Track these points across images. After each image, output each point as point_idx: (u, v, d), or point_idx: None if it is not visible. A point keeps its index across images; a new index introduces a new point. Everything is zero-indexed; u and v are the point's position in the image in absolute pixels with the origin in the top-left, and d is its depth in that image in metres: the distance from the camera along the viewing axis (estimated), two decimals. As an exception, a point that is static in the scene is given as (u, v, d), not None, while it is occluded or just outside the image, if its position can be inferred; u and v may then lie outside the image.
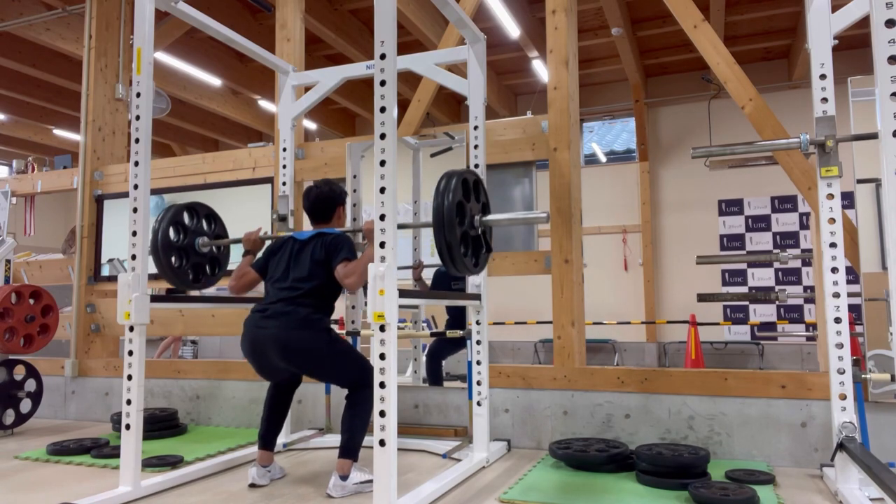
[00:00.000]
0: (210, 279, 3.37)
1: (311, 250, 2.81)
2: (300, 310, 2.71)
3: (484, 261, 2.87)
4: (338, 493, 2.63)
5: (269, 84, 7.34)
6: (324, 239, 2.82)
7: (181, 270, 3.18)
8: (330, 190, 2.97)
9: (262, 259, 2.99)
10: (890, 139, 2.26)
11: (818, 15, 2.80)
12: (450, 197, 2.48)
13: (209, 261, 3.34)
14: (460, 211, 2.55)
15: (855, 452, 2.41)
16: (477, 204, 2.74)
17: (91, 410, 4.61)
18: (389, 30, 2.27)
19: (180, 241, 3.17)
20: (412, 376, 4.66)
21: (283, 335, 2.67)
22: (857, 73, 3.22)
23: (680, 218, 9.30)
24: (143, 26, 2.79)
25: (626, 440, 3.28)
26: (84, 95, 4.93)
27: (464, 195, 2.59)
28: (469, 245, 2.68)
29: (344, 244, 2.78)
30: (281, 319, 2.69)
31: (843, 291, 2.63)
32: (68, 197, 7.02)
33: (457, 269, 2.60)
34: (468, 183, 2.65)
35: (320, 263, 2.77)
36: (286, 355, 2.71)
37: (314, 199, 2.95)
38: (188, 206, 3.22)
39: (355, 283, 2.68)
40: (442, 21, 6.75)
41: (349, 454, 2.67)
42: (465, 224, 2.62)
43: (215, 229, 3.37)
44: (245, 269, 2.98)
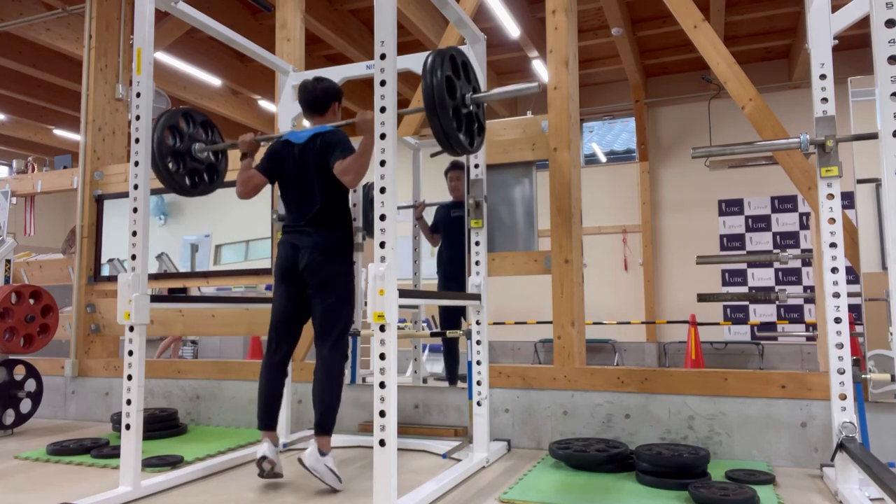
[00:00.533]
0: (208, 186, 3.38)
1: (312, 155, 2.87)
2: (331, 237, 2.87)
3: (480, 141, 2.87)
4: (309, 463, 2.64)
5: (269, 84, 7.33)
6: (320, 138, 2.86)
7: (178, 175, 3.19)
8: (327, 84, 3.03)
9: (264, 162, 3.03)
10: (890, 139, 2.26)
11: (818, 15, 2.80)
12: (438, 74, 2.45)
13: (206, 168, 3.35)
14: (450, 87, 2.53)
15: (855, 452, 2.41)
16: (468, 84, 2.71)
17: (91, 410, 4.61)
18: (389, 30, 2.27)
19: (177, 146, 3.17)
20: (412, 376, 4.66)
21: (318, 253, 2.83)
22: (857, 73, 3.22)
23: (680, 218, 9.30)
24: (143, 26, 2.79)
25: (626, 440, 3.28)
26: (84, 95, 4.93)
27: (453, 72, 2.56)
28: (462, 121, 2.65)
29: (339, 141, 2.83)
30: (318, 237, 2.86)
31: (843, 291, 2.63)
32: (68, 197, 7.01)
33: (452, 148, 2.59)
34: (456, 60, 2.62)
35: (323, 167, 2.84)
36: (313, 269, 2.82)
37: (311, 91, 3.00)
38: (184, 112, 3.23)
39: (353, 179, 2.74)
40: (442, 21, 6.74)
41: (325, 431, 2.70)
42: (457, 99, 2.59)
43: (212, 137, 3.37)
44: (250, 173, 3.02)
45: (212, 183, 3.41)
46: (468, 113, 2.71)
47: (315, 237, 2.86)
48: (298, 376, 4.00)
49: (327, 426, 2.73)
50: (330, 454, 2.71)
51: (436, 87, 2.45)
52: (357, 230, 3.97)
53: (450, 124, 2.50)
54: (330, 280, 2.85)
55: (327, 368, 2.79)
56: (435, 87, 2.45)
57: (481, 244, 3.30)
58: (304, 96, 3.02)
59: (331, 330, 2.84)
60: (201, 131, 3.33)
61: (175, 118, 3.17)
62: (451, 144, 2.56)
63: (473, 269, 3.29)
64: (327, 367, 2.79)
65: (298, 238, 2.88)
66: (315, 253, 2.83)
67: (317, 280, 2.85)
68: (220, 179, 3.45)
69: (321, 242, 2.85)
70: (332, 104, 3.04)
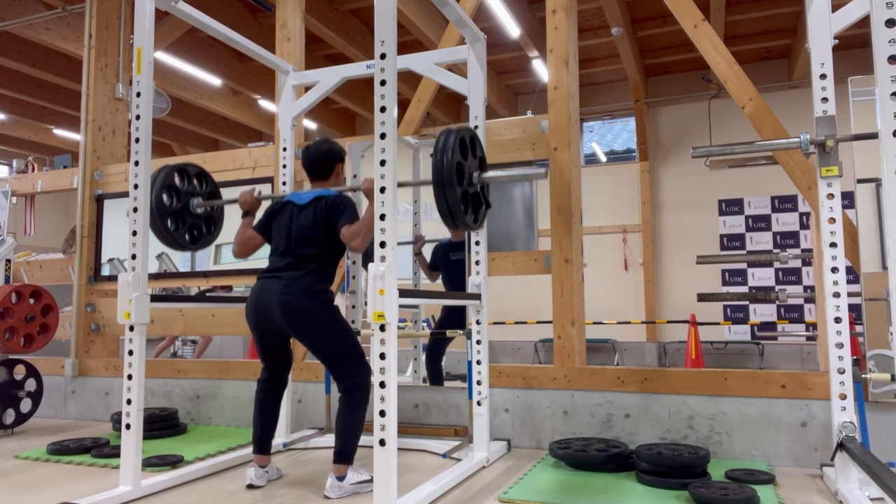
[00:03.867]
0: (207, 238, 3.38)
1: (311, 214, 2.82)
2: (306, 279, 2.73)
3: (483, 217, 2.89)
4: (335, 494, 2.62)
5: (269, 84, 7.34)
6: (324, 202, 2.82)
7: (178, 234, 3.18)
8: (329, 147, 2.98)
9: (263, 220, 2.99)
10: (890, 139, 2.26)
11: (818, 15, 2.80)
12: (449, 155, 2.49)
13: (204, 221, 3.35)
14: (459, 170, 2.57)
15: (855, 452, 2.41)
16: (475, 160, 2.74)
17: (91, 410, 4.61)
18: (389, 29, 2.27)
19: (174, 205, 3.16)
20: (412, 376, 4.66)
21: (289, 300, 2.70)
22: (857, 73, 3.22)
23: (680, 218, 9.30)
24: (143, 26, 2.79)
25: (626, 440, 3.28)
26: (84, 95, 4.93)
27: (461, 153, 2.60)
28: (469, 202, 2.69)
29: (345, 206, 2.78)
30: (287, 285, 2.72)
31: (843, 291, 2.63)
32: (68, 197, 7.02)
33: (457, 226, 2.62)
34: (465, 141, 2.66)
35: (321, 227, 2.79)
36: (289, 317, 2.71)
37: (313, 156, 2.96)
38: (178, 168, 3.21)
39: (361, 244, 2.69)
40: (442, 21, 6.75)
41: (343, 459, 2.66)
42: (465, 182, 2.62)
43: (207, 188, 3.36)
44: (248, 233, 2.98)
45: (209, 234, 3.39)
46: (474, 193, 2.74)
47: (288, 277, 2.73)
48: (299, 376, 4.00)
49: (346, 454, 2.65)
50: (349, 472, 2.65)
51: (445, 169, 2.48)
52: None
53: (457, 206, 2.54)
54: (308, 327, 2.73)
55: (348, 402, 2.70)
56: (445, 169, 2.48)
57: (481, 244, 3.30)
58: (306, 161, 2.97)
59: (339, 364, 2.76)
60: (196, 184, 3.30)
61: (170, 177, 3.13)
62: (455, 223, 2.60)
63: (473, 268, 3.29)
64: (347, 401, 2.71)
65: (268, 287, 2.75)
66: (284, 311, 2.70)
67: (293, 327, 2.74)
68: (217, 230, 3.42)
69: (294, 280, 2.72)
70: (335, 167, 3.00)
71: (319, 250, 2.79)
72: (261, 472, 2.82)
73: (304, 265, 2.76)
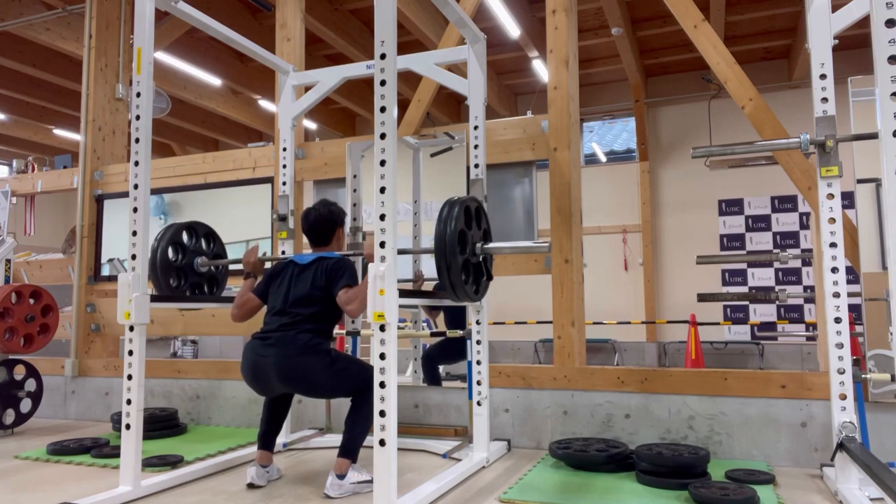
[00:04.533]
0: (207, 298, 3.39)
1: (311, 276, 2.80)
2: (300, 336, 2.70)
3: (484, 288, 2.88)
4: (335, 493, 2.62)
5: (269, 84, 7.33)
6: (325, 264, 2.81)
7: (179, 290, 3.17)
8: (329, 212, 2.95)
9: (263, 284, 2.97)
10: (890, 139, 2.26)
11: (818, 15, 2.80)
12: (452, 225, 2.48)
13: (207, 280, 3.35)
14: (462, 239, 2.55)
15: (855, 452, 2.41)
16: (478, 231, 2.74)
17: (91, 410, 4.61)
18: (389, 30, 2.27)
19: (179, 262, 3.16)
20: (412, 376, 4.66)
21: (284, 363, 2.67)
22: (857, 73, 3.22)
23: (680, 218, 9.30)
24: (143, 26, 2.79)
25: (626, 440, 3.28)
26: (84, 95, 4.93)
27: (465, 223, 2.59)
28: (470, 273, 2.67)
29: (345, 270, 2.76)
30: (281, 347, 2.69)
31: (843, 291, 2.63)
32: (68, 197, 7.00)
33: (458, 297, 2.60)
34: (470, 211, 2.65)
35: (321, 289, 2.76)
36: (287, 382, 2.73)
37: (313, 223, 2.93)
38: (187, 226, 3.21)
39: (357, 309, 2.67)
40: (442, 21, 6.74)
41: (348, 454, 2.67)
42: (467, 252, 2.61)
43: (214, 248, 3.36)
44: (247, 296, 2.95)
45: (211, 293, 3.39)
46: (477, 263, 2.73)
47: (280, 347, 2.68)
48: (298, 376, 3.99)
49: (350, 450, 2.67)
50: (349, 471, 2.66)
51: (448, 238, 2.46)
52: (357, 229, 3.97)
53: (458, 277, 2.53)
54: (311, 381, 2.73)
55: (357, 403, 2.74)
56: (447, 238, 2.46)
57: (481, 244, 3.30)
58: (306, 227, 2.95)
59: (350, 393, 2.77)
60: (203, 244, 3.30)
61: (179, 234, 3.14)
62: (456, 294, 2.58)
63: (473, 269, 3.29)
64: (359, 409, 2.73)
65: (261, 347, 2.72)
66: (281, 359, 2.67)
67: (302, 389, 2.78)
68: (220, 290, 3.41)
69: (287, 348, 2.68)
70: (336, 231, 2.98)
71: (316, 311, 2.76)
72: (262, 472, 2.82)
73: (297, 325, 2.73)
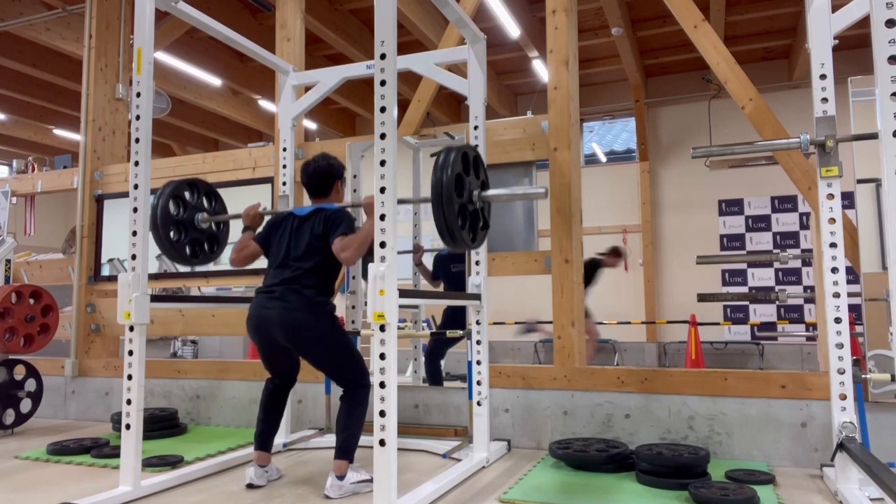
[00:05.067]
0: (208, 256, 3.37)
1: (310, 227, 2.82)
2: (304, 292, 2.73)
3: (482, 237, 2.86)
4: (335, 494, 2.62)
5: (269, 84, 7.33)
6: (322, 214, 2.83)
7: (179, 245, 3.18)
8: (328, 164, 2.96)
9: (263, 232, 3.00)
10: (890, 139, 2.26)
11: (818, 15, 2.80)
12: (449, 171, 2.47)
13: (208, 237, 3.34)
14: (459, 184, 2.55)
15: (855, 452, 2.41)
16: (476, 179, 2.73)
17: (91, 410, 4.61)
18: (389, 30, 2.27)
19: (179, 216, 3.17)
20: (412, 376, 4.67)
21: (287, 315, 2.71)
22: (857, 73, 3.22)
23: (680, 218, 9.29)
24: (143, 26, 2.79)
25: (626, 440, 3.28)
26: (84, 95, 4.93)
27: (463, 169, 2.59)
28: (467, 219, 2.67)
29: (342, 219, 2.78)
30: (285, 301, 2.72)
31: (843, 291, 2.63)
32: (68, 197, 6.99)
33: (454, 243, 2.58)
34: (468, 157, 2.64)
35: (319, 239, 2.78)
36: (289, 334, 2.73)
37: (312, 174, 2.95)
38: (189, 182, 3.22)
39: (351, 256, 2.68)
40: (442, 21, 6.74)
41: (345, 455, 2.67)
42: (464, 198, 2.61)
43: (215, 206, 3.37)
44: (246, 242, 2.98)
45: (212, 252, 3.39)
46: (474, 210, 2.72)
47: (283, 293, 2.73)
48: (298, 376, 3.99)
49: (347, 450, 2.68)
50: (348, 471, 2.67)
51: (445, 183, 2.46)
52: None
53: (454, 221, 2.51)
54: (308, 344, 2.76)
55: (351, 405, 2.73)
56: (444, 183, 2.46)
57: (481, 244, 3.30)
58: (304, 179, 2.97)
59: (339, 374, 2.79)
60: (205, 200, 3.31)
61: (181, 188, 3.15)
62: (453, 240, 2.56)
63: (473, 269, 3.29)
64: (351, 404, 2.74)
65: (266, 300, 2.77)
66: (285, 328, 2.72)
67: (297, 347, 2.79)
68: (220, 249, 3.42)
69: (289, 298, 2.72)
70: (335, 184, 2.99)
71: (317, 263, 2.78)
72: (261, 472, 2.82)
73: (301, 279, 2.76)
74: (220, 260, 4.49)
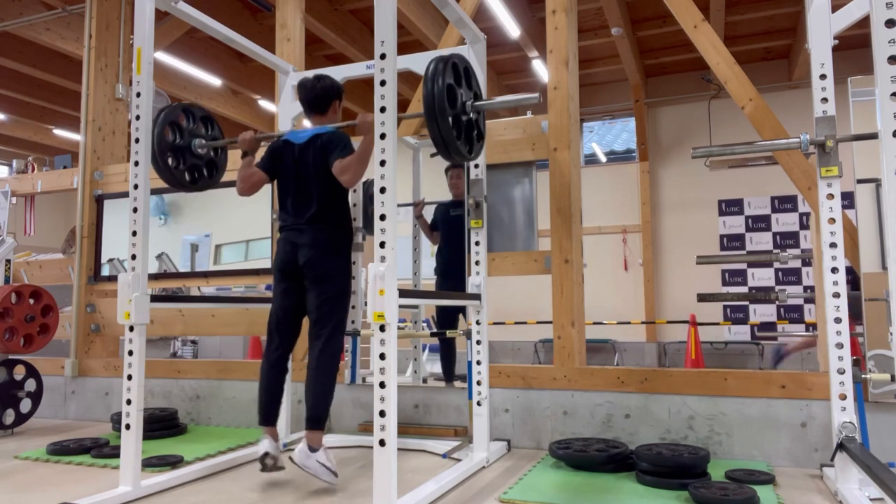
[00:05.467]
0: (207, 182, 3.38)
1: (310, 153, 2.87)
2: (328, 233, 2.86)
3: (478, 148, 2.85)
4: (300, 460, 2.62)
5: (269, 84, 7.33)
6: (319, 140, 2.86)
7: (178, 171, 3.18)
8: (330, 83, 3.00)
9: (265, 158, 3.03)
10: (890, 139, 2.26)
11: (818, 15, 2.80)
12: (440, 81, 2.45)
13: (206, 164, 3.35)
14: (451, 95, 2.53)
15: (855, 452, 2.41)
16: (469, 91, 2.71)
17: (91, 410, 4.61)
18: (389, 30, 2.27)
19: (177, 142, 3.17)
20: (412, 376, 4.66)
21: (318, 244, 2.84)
22: (857, 73, 3.22)
23: (680, 218, 9.30)
24: (143, 26, 2.79)
25: (626, 440, 3.28)
26: (84, 95, 4.93)
27: (454, 80, 2.56)
28: (462, 129, 2.64)
29: (339, 141, 2.82)
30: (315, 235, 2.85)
31: (843, 291, 2.63)
32: (68, 197, 7.00)
33: (450, 155, 2.58)
34: (458, 68, 2.62)
35: (321, 170, 2.84)
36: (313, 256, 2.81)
37: (310, 90, 2.98)
38: (184, 107, 3.23)
39: (351, 178, 2.73)
40: (442, 21, 6.74)
41: (317, 424, 2.67)
42: (457, 107, 2.59)
43: (212, 132, 3.37)
44: (251, 170, 3.01)
45: (211, 178, 3.41)
46: (468, 120, 2.70)
47: (314, 234, 2.86)
48: (298, 376, 3.98)
49: (316, 419, 2.68)
50: (322, 449, 2.67)
51: (436, 94, 2.44)
52: (357, 230, 3.97)
53: (449, 132, 2.49)
54: (327, 274, 2.85)
55: (319, 363, 2.77)
56: (436, 94, 2.44)
57: (481, 244, 3.30)
58: (303, 95, 3.00)
59: (325, 324, 2.82)
60: (201, 126, 3.33)
61: (176, 113, 3.17)
62: (449, 152, 2.56)
63: (473, 268, 3.29)
64: (319, 361, 2.77)
65: (297, 236, 2.88)
66: (313, 249, 2.83)
67: (314, 274, 2.84)
68: (219, 175, 3.45)
69: (320, 239, 2.85)
70: (333, 103, 3.03)
71: (327, 197, 2.86)
72: (274, 444, 2.79)
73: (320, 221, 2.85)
74: (220, 260, 4.51)
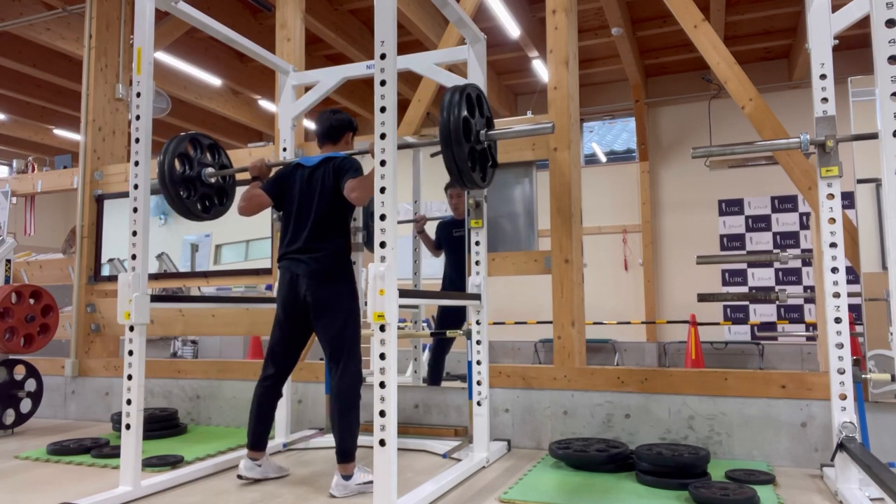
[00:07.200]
0: (219, 209, 3.40)
1: (320, 179, 2.88)
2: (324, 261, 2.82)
3: (490, 175, 2.91)
4: (340, 493, 2.63)
5: (269, 84, 7.33)
6: (331, 164, 2.88)
7: (190, 202, 3.20)
8: (346, 117, 3.10)
9: (271, 182, 3.03)
10: (890, 139, 2.26)
11: (818, 15, 2.80)
12: (455, 112, 2.51)
13: (216, 191, 3.36)
14: (466, 127, 2.59)
15: (855, 452, 2.41)
16: (481, 119, 2.76)
17: (91, 410, 4.61)
18: (389, 30, 2.27)
19: (186, 173, 3.19)
20: (412, 376, 4.67)
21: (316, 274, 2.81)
22: (857, 73, 3.22)
23: (680, 218, 9.30)
24: (143, 26, 2.79)
25: (626, 440, 3.28)
26: (84, 95, 4.93)
27: (468, 111, 2.62)
28: (476, 160, 2.71)
29: (350, 165, 2.85)
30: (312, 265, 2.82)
31: (843, 291, 2.63)
32: (68, 197, 7.00)
33: (465, 184, 2.65)
34: (472, 98, 2.68)
35: (328, 192, 2.85)
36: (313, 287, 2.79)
37: (327, 121, 3.05)
38: (190, 138, 3.23)
39: (361, 196, 2.75)
40: (442, 21, 6.74)
41: (347, 457, 2.66)
42: (472, 139, 2.65)
43: (219, 160, 3.38)
44: (255, 192, 3.01)
45: (222, 205, 3.42)
46: (482, 150, 2.75)
47: (311, 265, 2.82)
48: (298, 376, 4.00)
49: (347, 452, 2.67)
50: (356, 472, 2.67)
51: (452, 126, 2.50)
52: (357, 230, 3.97)
53: (464, 162, 2.57)
54: (331, 302, 2.82)
55: (339, 394, 2.73)
56: (452, 126, 2.50)
57: (481, 244, 3.30)
58: (319, 126, 3.05)
59: (339, 356, 2.79)
60: (208, 155, 3.33)
61: (183, 145, 3.16)
62: (463, 181, 2.62)
63: (473, 269, 3.29)
64: (339, 392, 2.73)
65: (296, 266, 2.85)
66: (313, 280, 2.80)
67: (319, 306, 2.81)
68: (229, 202, 3.46)
69: (317, 270, 2.82)
70: (346, 134, 3.08)
71: (326, 217, 2.85)
72: (251, 464, 2.84)
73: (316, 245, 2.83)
74: (220, 260, 4.51)
